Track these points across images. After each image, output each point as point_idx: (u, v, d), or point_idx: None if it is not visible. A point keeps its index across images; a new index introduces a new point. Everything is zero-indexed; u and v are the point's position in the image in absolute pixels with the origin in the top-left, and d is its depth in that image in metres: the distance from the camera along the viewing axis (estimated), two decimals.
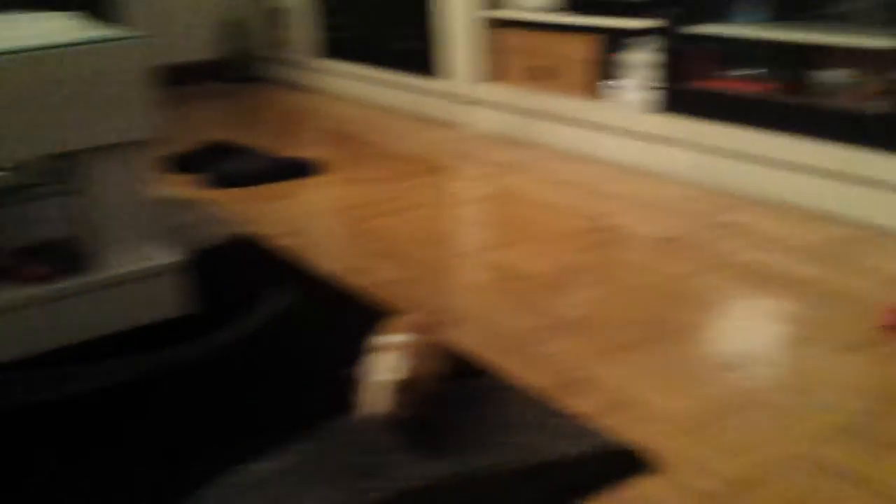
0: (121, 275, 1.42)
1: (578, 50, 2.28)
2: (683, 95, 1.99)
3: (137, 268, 1.43)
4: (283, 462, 1.05)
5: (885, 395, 1.11)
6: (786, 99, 1.81)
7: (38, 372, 1.30)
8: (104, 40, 1.34)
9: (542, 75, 2.42)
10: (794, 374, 1.18)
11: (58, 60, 1.29)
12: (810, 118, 1.74)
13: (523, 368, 1.24)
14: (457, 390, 1.18)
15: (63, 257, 1.45)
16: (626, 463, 1.01)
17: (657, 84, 2.05)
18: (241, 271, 1.67)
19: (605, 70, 2.24)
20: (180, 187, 2.23)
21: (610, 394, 1.16)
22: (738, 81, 1.94)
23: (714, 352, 1.25)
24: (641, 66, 2.12)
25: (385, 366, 1.03)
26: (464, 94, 2.68)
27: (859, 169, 1.66)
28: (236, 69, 3.69)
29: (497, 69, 2.59)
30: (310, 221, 1.96)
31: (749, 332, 1.30)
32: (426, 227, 1.86)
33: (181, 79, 3.65)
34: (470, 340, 1.34)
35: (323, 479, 1.00)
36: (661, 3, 2.01)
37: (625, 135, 2.14)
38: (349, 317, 1.44)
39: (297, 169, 2.28)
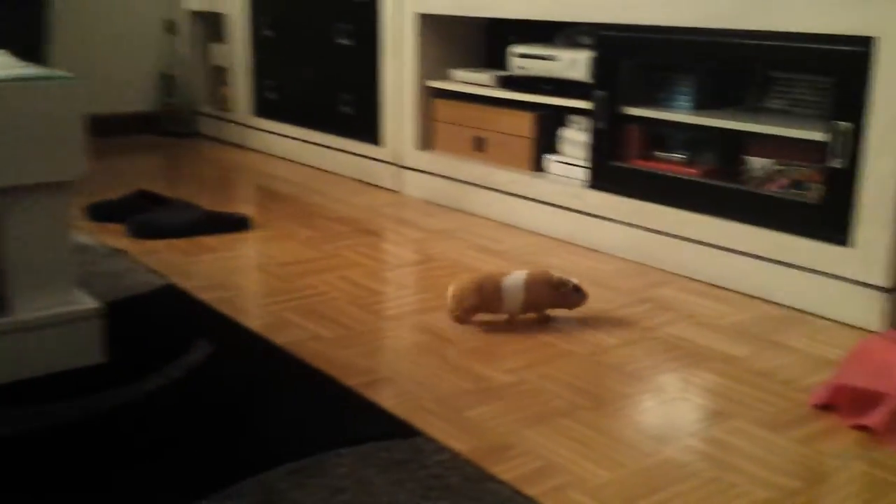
0: (38, 318, 1.36)
1: (517, 124, 2.37)
2: (615, 174, 2.09)
3: (55, 312, 1.37)
4: None
5: (815, 473, 1.18)
6: (714, 183, 1.93)
7: None
8: (35, 78, 1.31)
9: (481, 147, 2.49)
10: (723, 449, 1.23)
11: None
12: (738, 203, 1.86)
13: (450, 432, 1.26)
14: (380, 451, 1.18)
15: None
16: None
17: (589, 162, 2.15)
18: (161, 322, 1.62)
19: (543, 145, 2.33)
20: (104, 235, 2.16)
21: (537, 461, 1.19)
22: (668, 163, 2.05)
23: (645, 423, 1.30)
24: (578, 144, 2.22)
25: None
26: (402, 161, 2.73)
27: (785, 253, 1.78)
28: (175, 123, 3.63)
29: (437, 138, 2.65)
30: (237, 276, 1.93)
31: (678, 406, 1.36)
32: (356, 288, 1.86)
33: (118, 129, 3.57)
34: (397, 403, 1.34)
35: None
36: (591, 85, 2.11)
37: (561, 209, 2.22)
38: (270, 372, 1.42)
39: (227, 223, 2.25)
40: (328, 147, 3.06)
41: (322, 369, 1.45)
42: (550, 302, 1.63)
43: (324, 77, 3.03)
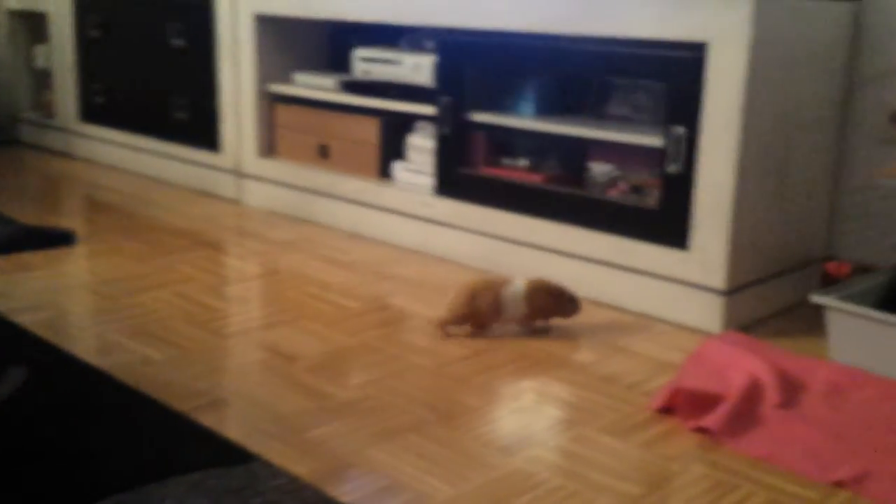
0: None
1: (362, 131, 2.31)
2: (462, 181, 2.06)
3: None
4: None
5: (657, 478, 1.18)
6: (559, 189, 1.93)
7: None
8: None
9: (325, 154, 2.41)
10: (570, 458, 1.22)
11: None
12: (582, 209, 1.87)
13: (289, 455, 1.19)
14: (211, 479, 1.10)
15: None
16: None
17: (435, 169, 2.11)
18: None
19: (389, 152, 2.28)
20: None
21: (381, 481, 1.13)
22: (514, 170, 2.05)
23: (492, 435, 1.27)
24: (426, 150, 2.18)
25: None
26: (243, 169, 2.61)
27: (628, 258, 1.80)
28: None
29: (280, 145, 2.55)
30: (59, 296, 1.77)
31: (526, 415, 1.34)
32: (193, 305, 1.75)
33: None
34: (233, 426, 1.26)
35: None
36: (436, 90, 2.08)
37: (407, 217, 2.18)
38: (93, 399, 1.31)
39: (49, 238, 2.07)
40: (162, 155, 2.90)
41: (151, 394, 1.34)
42: (550, 311, 1.62)
43: (156, 80, 2.87)
